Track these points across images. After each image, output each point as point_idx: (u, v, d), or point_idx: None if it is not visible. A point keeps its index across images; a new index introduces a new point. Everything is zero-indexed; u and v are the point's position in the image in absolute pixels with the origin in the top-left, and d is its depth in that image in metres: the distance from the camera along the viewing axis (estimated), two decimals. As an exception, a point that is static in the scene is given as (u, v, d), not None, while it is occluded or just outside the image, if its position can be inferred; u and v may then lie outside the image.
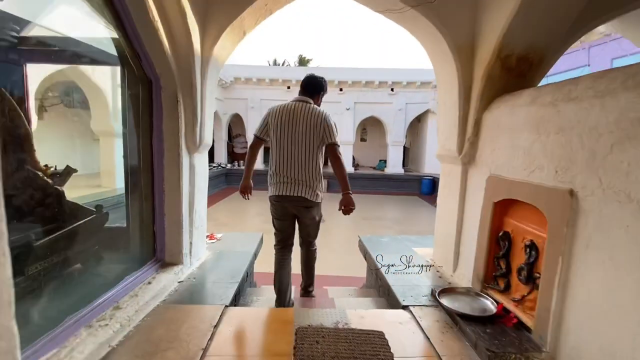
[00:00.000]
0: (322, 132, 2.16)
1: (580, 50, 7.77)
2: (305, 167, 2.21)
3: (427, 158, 13.01)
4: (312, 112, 2.16)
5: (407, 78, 12.17)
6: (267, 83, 12.52)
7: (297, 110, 2.17)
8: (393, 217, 8.56)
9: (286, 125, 2.18)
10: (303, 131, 2.16)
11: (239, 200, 10.59)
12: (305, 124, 2.15)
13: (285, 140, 2.19)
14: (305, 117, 2.15)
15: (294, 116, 2.17)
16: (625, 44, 6.39)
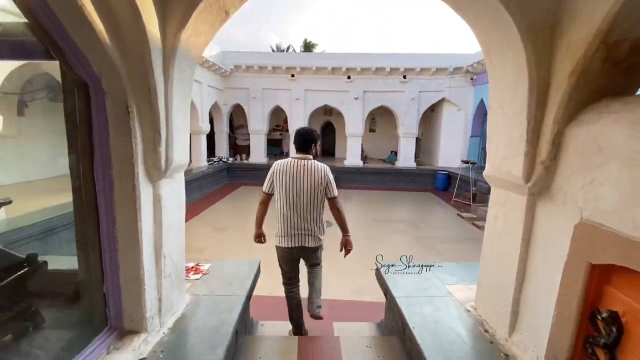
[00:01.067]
0: (325, 187, 2.45)
1: None
2: (311, 219, 2.49)
3: (442, 151, 12.21)
4: (314, 168, 2.41)
5: (421, 64, 11.25)
6: (270, 71, 11.72)
7: (300, 167, 2.42)
8: (407, 218, 7.90)
9: (291, 181, 2.42)
10: (308, 187, 2.41)
11: (241, 198, 9.82)
12: (309, 180, 2.40)
13: (292, 195, 2.43)
14: (308, 173, 2.40)
15: (298, 173, 2.41)
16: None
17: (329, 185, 2.46)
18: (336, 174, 10.03)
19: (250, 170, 12.03)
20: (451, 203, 9.36)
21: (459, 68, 11.24)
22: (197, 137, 10.37)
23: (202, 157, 10.54)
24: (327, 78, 11.79)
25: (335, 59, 11.51)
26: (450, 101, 11.72)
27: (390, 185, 11.60)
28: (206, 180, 9.98)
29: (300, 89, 11.87)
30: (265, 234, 2.77)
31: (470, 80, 11.38)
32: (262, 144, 12.43)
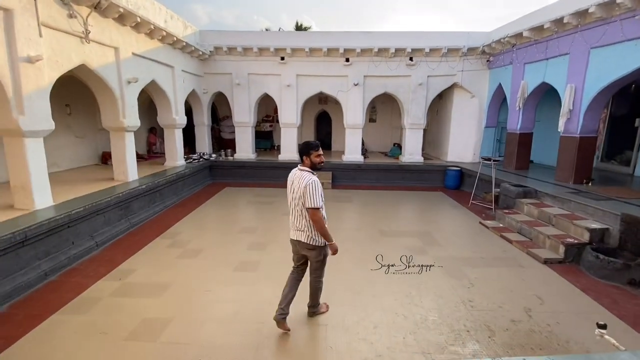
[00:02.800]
0: (304, 198, 2.81)
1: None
2: (299, 220, 2.96)
3: (452, 144, 10.85)
4: (301, 179, 2.85)
5: (430, 43, 9.74)
6: (256, 53, 10.10)
7: (293, 177, 2.96)
8: (421, 229, 6.58)
9: (288, 188, 3.01)
10: (292, 195, 2.95)
11: (223, 203, 8.40)
12: (297, 189, 2.87)
13: (289, 199, 3.00)
14: (296, 183, 2.90)
15: (291, 182, 2.97)
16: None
17: (306, 196, 2.79)
18: (334, 170, 8.59)
19: (235, 168, 10.56)
20: (468, 206, 8.06)
21: (474, 49, 9.77)
22: (171, 131, 8.82)
23: (178, 155, 9.03)
24: (323, 61, 10.23)
25: (331, 39, 9.94)
26: (462, 87, 10.29)
27: (395, 184, 10.26)
28: (183, 182, 8.51)
29: (291, 74, 10.31)
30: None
31: (487, 62, 9.93)
32: (249, 137, 10.92)
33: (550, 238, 5.38)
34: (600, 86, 6.34)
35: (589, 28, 6.39)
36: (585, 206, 5.67)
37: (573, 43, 6.73)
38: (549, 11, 7.13)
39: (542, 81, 7.83)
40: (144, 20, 6.65)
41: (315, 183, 2.79)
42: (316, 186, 2.78)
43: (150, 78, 7.55)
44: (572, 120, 6.92)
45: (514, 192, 6.84)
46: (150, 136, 11.25)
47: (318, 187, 2.80)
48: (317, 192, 2.78)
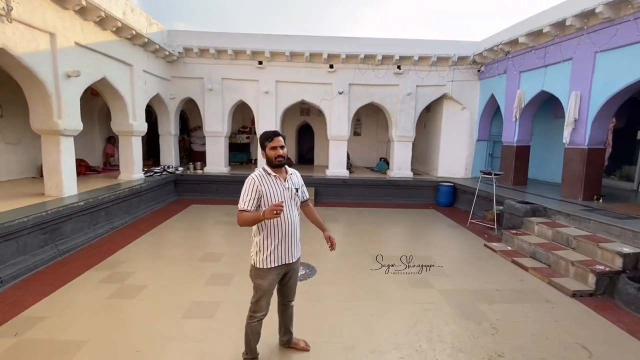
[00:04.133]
0: None
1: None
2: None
3: (442, 158, 10.15)
4: None
5: (419, 51, 9.15)
6: (231, 56, 9.16)
7: None
8: (422, 254, 5.56)
9: None
10: None
11: (187, 224, 6.82)
12: None
13: None
14: None
15: None
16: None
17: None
18: (316, 186, 7.56)
19: (205, 183, 9.33)
20: (467, 225, 7.20)
21: (464, 58, 9.27)
22: (127, 139, 7.57)
23: (135, 167, 7.74)
24: (305, 67, 9.41)
25: (314, 43, 9.17)
26: (452, 98, 9.71)
27: (384, 201, 9.34)
28: (139, 199, 7.21)
29: (270, 80, 9.40)
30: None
31: (477, 72, 9.44)
32: (222, 149, 9.78)
33: (575, 265, 4.52)
34: (609, 93, 5.77)
35: (595, 30, 5.88)
36: (609, 226, 4.90)
37: (578, 47, 6.21)
38: (548, 15, 6.65)
39: (540, 90, 7.28)
40: (90, 3, 5.56)
41: (248, 181, 2.28)
42: (247, 184, 2.26)
43: (100, 75, 6.38)
44: (579, 130, 6.30)
45: (522, 210, 6.04)
46: (108, 146, 9.89)
47: (249, 186, 2.25)
48: (246, 191, 2.25)
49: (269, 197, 2.25)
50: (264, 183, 2.26)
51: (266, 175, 2.30)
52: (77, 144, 8.28)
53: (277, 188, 2.30)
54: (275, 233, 2.30)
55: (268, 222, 2.26)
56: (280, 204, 2.01)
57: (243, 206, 2.22)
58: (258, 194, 2.23)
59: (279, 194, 2.29)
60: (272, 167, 2.31)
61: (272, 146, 2.27)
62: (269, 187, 2.27)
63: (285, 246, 2.35)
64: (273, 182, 2.30)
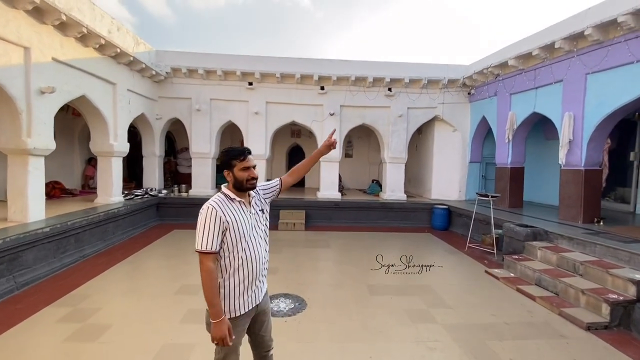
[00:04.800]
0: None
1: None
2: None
3: (435, 180, 9.96)
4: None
5: (410, 74, 9.18)
6: (220, 77, 9.01)
7: None
8: (421, 283, 5.16)
9: None
10: None
11: (167, 252, 6.37)
12: None
13: None
14: None
15: None
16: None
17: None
18: (307, 209, 7.11)
19: (190, 207, 8.83)
20: (465, 250, 6.87)
21: (454, 81, 9.33)
22: (106, 160, 7.15)
23: (114, 189, 7.27)
24: (295, 88, 9.31)
25: (305, 65, 9.13)
26: (444, 120, 9.67)
27: (378, 224, 8.98)
28: (115, 224, 6.69)
29: (260, 101, 9.23)
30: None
31: (468, 95, 9.48)
32: (209, 171, 9.39)
33: (585, 293, 4.20)
34: (603, 114, 5.71)
35: (585, 52, 5.91)
36: (616, 250, 4.63)
37: (568, 69, 6.22)
38: (537, 38, 6.72)
39: (532, 111, 7.25)
40: (71, 19, 5.34)
41: (206, 211, 1.76)
42: (206, 216, 1.74)
43: (79, 92, 6.06)
44: (574, 151, 6.19)
45: (522, 234, 5.76)
46: (88, 168, 9.40)
47: (210, 217, 1.74)
48: (205, 225, 1.74)
49: (236, 229, 1.78)
50: (228, 212, 1.78)
51: (229, 201, 1.83)
52: (54, 165, 7.89)
53: (244, 216, 1.85)
54: (245, 272, 1.85)
55: (234, 260, 1.81)
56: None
57: (205, 247, 1.71)
58: (222, 226, 1.75)
59: (247, 223, 1.85)
60: (240, 191, 1.88)
61: (245, 166, 1.84)
62: (234, 216, 1.80)
63: (255, 285, 1.92)
64: (238, 209, 1.83)
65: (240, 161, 1.82)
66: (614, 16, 5.13)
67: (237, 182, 1.83)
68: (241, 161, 1.82)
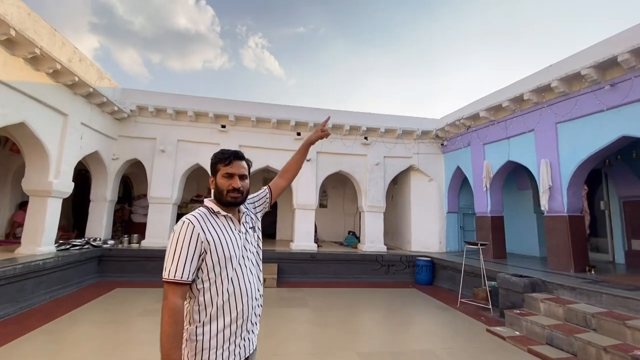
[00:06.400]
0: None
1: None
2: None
3: (415, 231, 9.57)
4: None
5: (385, 124, 9.31)
6: (191, 118, 8.50)
7: None
8: (422, 348, 4.33)
9: None
10: None
11: (103, 316, 5.23)
12: None
13: None
14: None
15: None
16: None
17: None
18: (280, 262, 6.16)
19: (139, 260, 7.51)
20: (457, 306, 6.20)
21: (427, 132, 9.58)
22: (40, 201, 5.96)
23: (45, 237, 5.95)
24: (271, 133, 8.99)
25: (281, 111, 8.97)
26: (419, 169, 9.67)
27: (359, 279, 8.14)
28: (36, 281, 5.29)
29: (232, 144, 8.71)
30: None
31: (441, 145, 9.69)
32: (167, 218, 8.28)
33: (608, 351, 3.64)
34: (578, 160, 5.83)
35: (554, 103, 6.23)
36: (625, 299, 4.24)
37: (540, 118, 6.49)
38: (507, 91, 7.11)
39: (507, 160, 7.38)
40: (23, 37, 4.72)
41: (179, 227, 1.33)
42: (180, 233, 1.32)
43: (18, 118, 5.18)
44: (555, 197, 6.15)
45: (520, 285, 5.27)
46: (19, 213, 7.91)
47: (184, 234, 1.31)
48: (177, 245, 1.30)
49: (220, 251, 1.34)
50: (209, 229, 1.35)
51: (211, 215, 1.41)
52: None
53: (231, 235, 1.41)
54: (230, 314, 1.34)
55: (216, 295, 1.33)
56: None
57: (173, 274, 1.27)
58: (200, 247, 1.32)
59: (235, 244, 1.40)
60: (226, 205, 1.45)
61: (228, 172, 1.43)
62: (218, 234, 1.37)
63: (245, 332, 1.40)
64: (224, 227, 1.41)
65: (225, 165, 1.43)
66: (577, 69, 5.51)
67: (217, 191, 1.45)
68: (225, 165, 1.43)
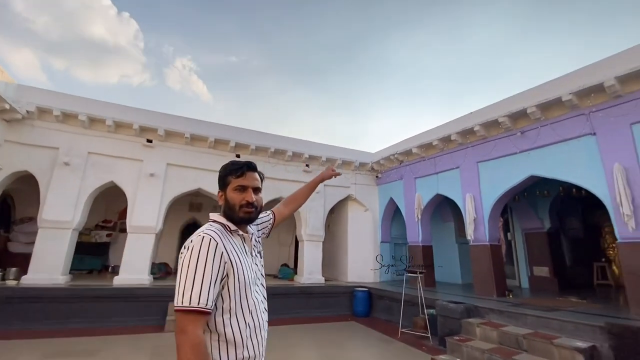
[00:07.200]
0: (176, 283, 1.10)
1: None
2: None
3: (351, 262, 9.55)
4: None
5: (327, 153, 9.45)
6: (110, 128, 7.29)
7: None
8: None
9: None
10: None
11: None
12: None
13: None
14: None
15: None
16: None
17: (178, 280, 1.09)
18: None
19: (20, 302, 5.72)
20: (398, 337, 6.16)
21: (364, 164, 10.02)
22: None
23: None
24: (207, 153, 8.23)
25: (220, 130, 8.38)
26: (356, 199, 9.93)
27: (296, 314, 7.55)
28: None
29: (159, 162, 7.68)
30: None
31: (376, 178, 10.19)
32: (64, 247, 6.62)
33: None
34: (496, 195, 6.65)
35: (477, 144, 7.12)
36: (547, 320, 4.73)
37: (465, 156, 7.32)
38: (437, 131, 7.93)
39: (436, 193, 8.06)
40: None
41: (199, 242, 1.11)
42: (201, 249, 1.10)
43: None
44: (479, 228, 6.84)
45: (458, 311, 5.51)
46: None
47: (206, 251, 1.10)
48: (197, 264, 1.08)
49: (240, 275, 1.17)
50: (231, 248, 1.18)
51: (227, 232, 1.24)
52: None
53: (246, 257, 1.26)
54: (248, 351, 1.16)
55: (238, 328, 1.14)
56: None
57: (194, 301, 1.04)
58: (224, 269, 1.13)
59: (250, 267, 1.25)
60: (236, 222, 1.28)
61: (240, 185, 1.30)
62: (238, 254, 1.20)
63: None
64: (240, 248, 1.25)
65: (236, 177, 1.30)
66: (495, 117, 6.46)
67: (227, 207, 1.29)
68: (237, 177, 1.30)
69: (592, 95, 5.26)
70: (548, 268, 7.96)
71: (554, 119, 5.78)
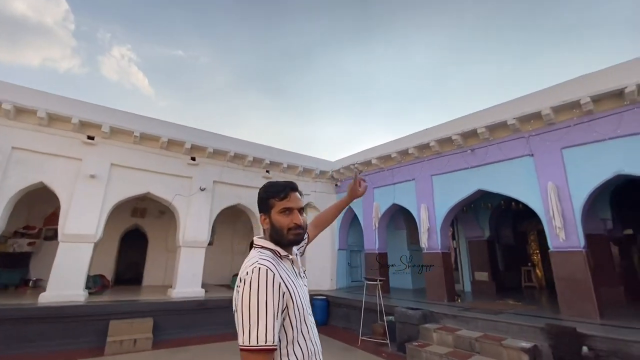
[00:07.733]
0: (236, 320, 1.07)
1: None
2: None
3: (309, 270, 9.47)
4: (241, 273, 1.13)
5: (288, 160, 9.33)
6: (42, 121, 6.31)
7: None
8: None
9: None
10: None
11: None
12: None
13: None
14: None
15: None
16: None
17: (238, 316, 1.05)
18: (155, 316, 4.71)
19: None
20: (358, 345, 6.25)
21: (324, 172, 10.11)
22: None
23: None
24: (159, 154, 7.57)
25: (174, 130, 7.78)
26: (316, 207, 9.94)
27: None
28: None
29: (101, 162, 6.85)
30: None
31: (335, 186, 10.34)
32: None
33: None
34: (448, 206, 7.18)
35: (432, 158, 7.62)
36: (495, 322, 5.19)
37: (421, 169, 7.78)
38: (395, 144, 8.32)
39: (392, 203, 8.43)
40: None
41: (257, 274, 1.07)
42: (259, 282, 1.05)
43: None
44: (432, 237, 7.30)
45: (416, 317, 5.78)
46: None
47: (266, 285, 1.06)
48: (259, 299, 1.04)
49: (298, 303, 1.14)
50: (285, 276, 1.15)
51: (278, 259, 1.21)
52: None
53: (299, 282, 1.23)
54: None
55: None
56: None
57: (264, 339, 1.00)
58: (283, 301, 1.09)
59: (303, 292, 1.23)
60: (283, 246, 1.25)
61: (286, 207, 1.26)
62: (292, 281, 1.18)
63: None
64: (292, 272, 1.23)
65: (281, 199, 1.26)
66: (449, 134, 6.99)
67: (274, 230, 1.25)
68: (281, 199, 1.26)
69: (532, 121, 5.99)
70: (487, 273, 8.79)
71: (500, 139, 6.46)
